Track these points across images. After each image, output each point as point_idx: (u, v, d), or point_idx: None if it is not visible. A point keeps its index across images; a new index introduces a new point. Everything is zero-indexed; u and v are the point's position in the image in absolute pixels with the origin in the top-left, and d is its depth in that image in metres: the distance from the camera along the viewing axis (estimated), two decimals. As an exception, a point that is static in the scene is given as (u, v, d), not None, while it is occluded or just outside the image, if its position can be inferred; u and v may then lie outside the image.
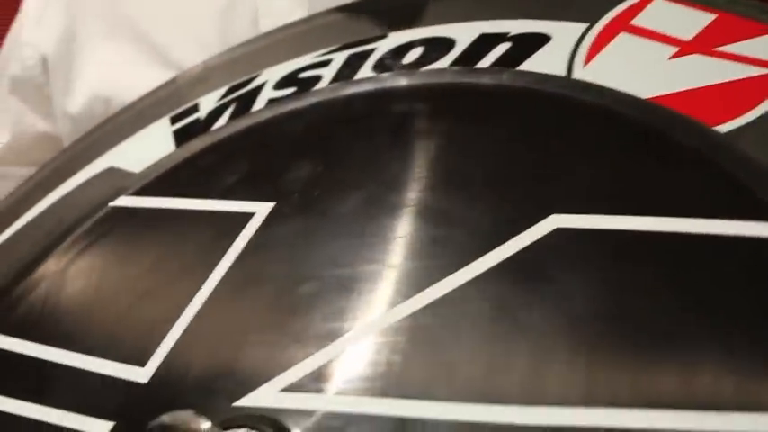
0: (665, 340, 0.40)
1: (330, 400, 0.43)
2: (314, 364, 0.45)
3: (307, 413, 0.44)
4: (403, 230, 0.49)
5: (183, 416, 0.40)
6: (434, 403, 0.42)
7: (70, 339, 0.54)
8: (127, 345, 0.52)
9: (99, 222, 0.61)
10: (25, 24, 0.82)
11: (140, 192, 0.61)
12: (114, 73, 0.77)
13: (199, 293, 0.52)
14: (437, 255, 0.47)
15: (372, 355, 0.44)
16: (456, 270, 0.45)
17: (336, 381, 0.44)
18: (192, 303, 0.51)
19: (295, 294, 0.49)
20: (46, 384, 0.53)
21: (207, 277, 0.52)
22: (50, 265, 0.60)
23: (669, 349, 0.40)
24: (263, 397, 0.45)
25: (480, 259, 0.45)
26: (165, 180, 0.60)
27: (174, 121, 0.64)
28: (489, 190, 0.48)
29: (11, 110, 0.79)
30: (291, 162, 0.56)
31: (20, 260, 0.62)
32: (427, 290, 0.45)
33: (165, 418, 0.40)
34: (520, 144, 0.49)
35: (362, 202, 0.51)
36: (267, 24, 0.72)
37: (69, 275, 0.59)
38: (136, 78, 0.75)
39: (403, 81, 0.56)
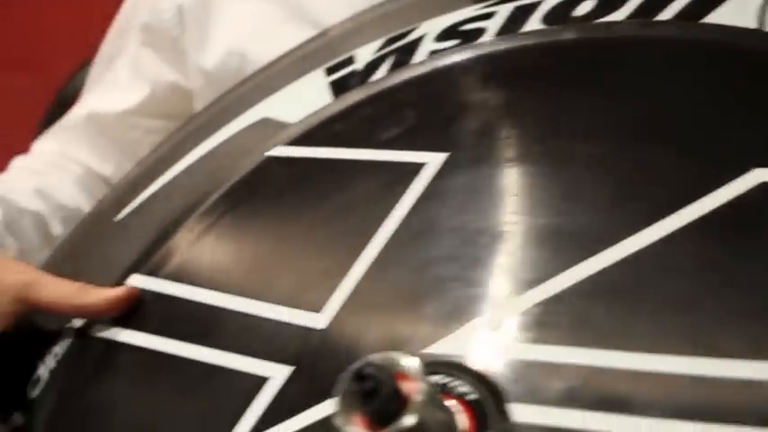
0: None
1: (528, 349, 0.43)
2: (507, 312, 0.45)
3: (503, 361, 0.43)
4: (591, 183, 0.48)
5: (393, 356, 0.40)
6: (637, 355, 0.41)
7: (241, 286, 0.55)
8: (302, 292, 0.52)
9: (256, 172, 0.61)
10: None
11: (298, 141, 0.61)
12: (252, 28, 0.77)
13: (373, 241, 0.51)
14: (630, 208, 0.46)
15: (569, 306, 0.44)
16: (651, 224, 0.44)
17: (533, 330, 0.44)
18: (366, 251, 0.51)
19: (480, 244, 0.48)
20: (219, 329, 0.53)
21: (381, 225, 0.52)
22: (210, 213, 0.60)
23: None
24: (454, 345, 0.45)
25: (678, 213, 0.44)
26: (324, 130, 0.60)
27: (329, 72, 0.63)
28: (682, 144, 0.47)
29: (145, 63, 0.79)
30: (462, 113, 0.55)
31: (178, 206, 0.62)
32: (623, 243, 0.44)
33: (375, 357, 0.40)
34: (712, 98, 0.48)
35: (544, 154, 0.50)
36: None
37: (232, 223, 0.59)
38: (273, 35, 0.75)
39: (576, 34, 0.55)
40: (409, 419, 0.39)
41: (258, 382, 0.50)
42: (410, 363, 0.39)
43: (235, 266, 0.57)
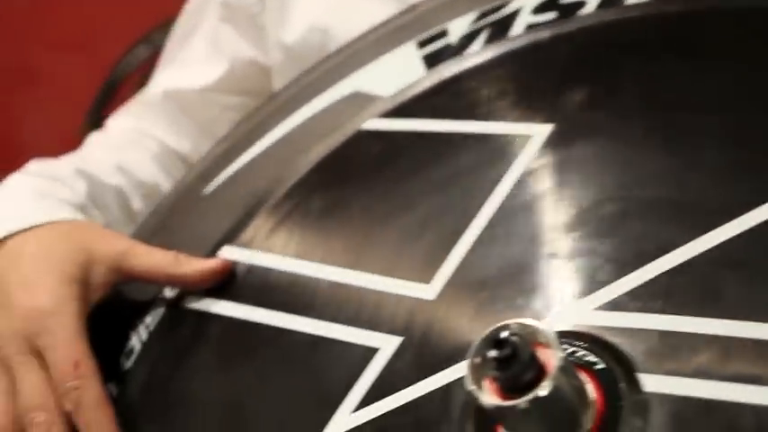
0: None
1: (656, 319, 0.42)
2: (630, 283, 0.44)
3: (627, 331, 0.43)
4: (711, 154, 0.47)
5: (530, 323, 0.39)
6: (769, 326, 0.41)
7: (341, 258, 0.54)
8: (408, 263, 0.51)
9: (349, 144, 0.61)
10: None
11: (394, 114, 0.60)
12: (334, 4, 0.76)
13: (481, 213, 0.51)
14: (755, 179, 0.45)
15: (697, 276, 0.43)
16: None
17: (659, 300, 0.43)
18: (474, 222, 0.51)
19: (596, 215, 0.47)
20: (321, 301, 0.53)
21: (488, 197, 0.51)
22: (303, 185, 0.60)
23: None
24: (576, 315, 0.44)
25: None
26: (421, 102, 0.59)
27: (421, 45, 0.63)
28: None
29: (224, 39, 0.79)
30: (565, 85, 0.54)
31: (268, 179, 0.62)
32: (750, 213, 0.43)
33: (512, 323, 0.39)
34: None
35: (658, 125, 0.50)
36: None
37: (326, 196, 0.59)
38: (356, 10, 0.74)
39: (683, 5, 0.54)
40: (546, 388, 0.38)
41: (367, 353, 0.49)
42: (547, 331, 0.39)
43: (332, 239, 0.57)
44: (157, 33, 1.27)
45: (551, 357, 0.38)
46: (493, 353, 0.38)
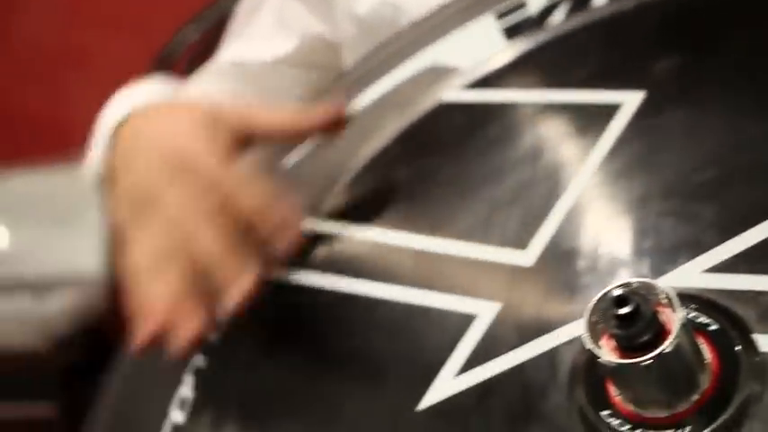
0: None
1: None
2: (738, 246, 0.44)
3: (738, 292, 0.43)
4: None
5: (651, 283, 0.39)
6: None
7: (431, 227, 0.55)
8: (502, 230, 0.52)
9: (430, 116, 0.61)
10: None
11: (476, 85, 0.60)
12: None
13: (576, 180, 0.51)
14: None
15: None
16: None
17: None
18: (569, 189, 0.51)
19: (695, 181, 0.48)
20: (415, 270, 0.53)
21: (582, 164, 0.52)
22: (384, 157, 0.60)
23: None
24: (684, 278, 0.44)
25: None
26: (504, 73, 0.60)
27: (500, 17, 0.63)
28: None
29: (292, 15, 0.79)
30: (653, 53, 0.55)
31: (348, 152, 0.62)
32: None
33: (633, 282, 0.39)
34: None
35: (752, 90, 0.50)
36: None
37: (409, 167, 0.59)
38: None
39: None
40: (671, 345, 0.38)
41: (465, 319, 0.49)
42: (668, 289, 0.39)
43: (419, 208, 0.57)
44: (207, 14, 1.28)
45: (672, 316, 0.39)
46: (620, 310, 0.38)
